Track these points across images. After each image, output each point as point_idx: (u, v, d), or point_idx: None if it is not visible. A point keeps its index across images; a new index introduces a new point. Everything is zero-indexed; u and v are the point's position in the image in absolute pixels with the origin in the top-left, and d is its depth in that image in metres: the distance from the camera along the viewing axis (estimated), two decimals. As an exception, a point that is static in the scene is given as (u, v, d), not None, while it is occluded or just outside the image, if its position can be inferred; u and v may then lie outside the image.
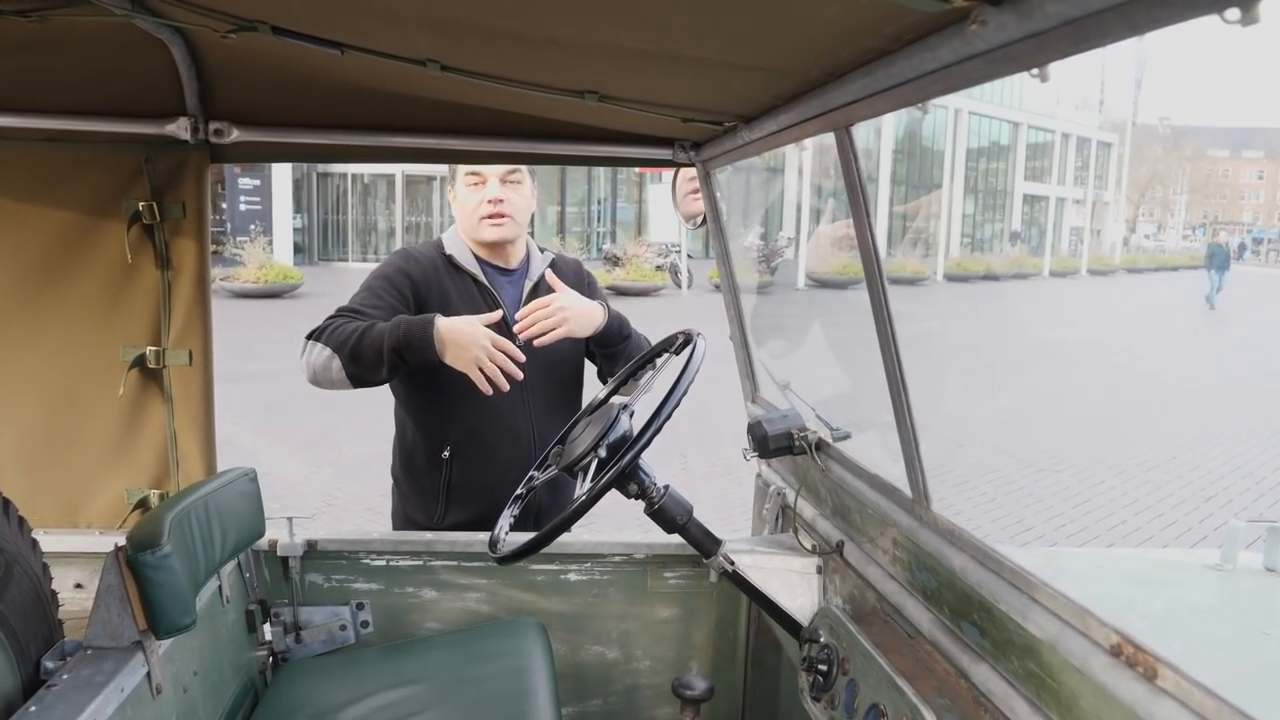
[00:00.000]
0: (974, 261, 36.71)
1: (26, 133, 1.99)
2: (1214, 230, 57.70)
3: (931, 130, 45.06)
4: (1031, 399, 11.25)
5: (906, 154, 45.07)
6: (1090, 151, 48.12)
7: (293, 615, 2.19)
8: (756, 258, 26.03)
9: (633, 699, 2.30)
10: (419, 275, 2.35)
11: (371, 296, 2.31)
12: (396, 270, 2.36)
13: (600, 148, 2.17)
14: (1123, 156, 55.73)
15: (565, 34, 1.31)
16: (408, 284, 2.34)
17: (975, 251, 42.53)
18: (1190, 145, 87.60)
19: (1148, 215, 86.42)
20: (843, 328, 9.39)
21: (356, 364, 2.14)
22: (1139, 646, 0.96)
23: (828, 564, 1.82)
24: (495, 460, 2.32)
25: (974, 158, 48.42)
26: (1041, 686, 1.12)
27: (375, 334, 2.13)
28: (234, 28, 1.55)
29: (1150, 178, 78.74)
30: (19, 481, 2.06)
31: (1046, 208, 44.94)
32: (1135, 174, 70.99)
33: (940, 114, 40.80)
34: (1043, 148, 51.46)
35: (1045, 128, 48.24)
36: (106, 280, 2.07)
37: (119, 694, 1.45)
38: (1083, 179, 51.18)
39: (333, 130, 2.09)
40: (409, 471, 2.43)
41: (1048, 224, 42.26)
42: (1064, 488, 7.38)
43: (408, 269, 2.36)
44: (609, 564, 2.25)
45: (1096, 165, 51.72)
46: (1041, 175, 51.33)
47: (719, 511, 6.36)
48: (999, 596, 1.20)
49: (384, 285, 2.34)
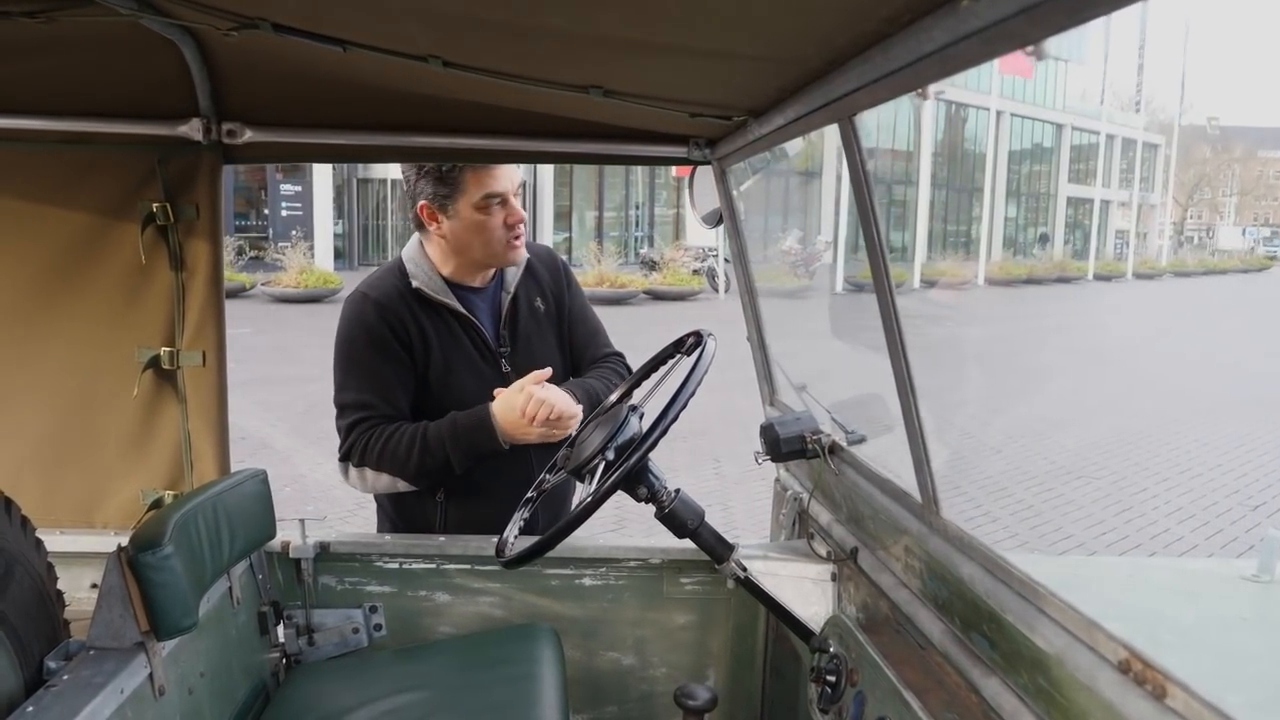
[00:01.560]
0: (1016, 265, 36.27)
1: (42, 135, 2.00)
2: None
3: (974, 132, 44.68)
4: (1072, 404, 11.06)
5: (947, 157, 44.70)
6: (1136, 153, 47.38)
7: (305, 617, 2.18)
8: (793, 262, 25.94)
9: (647, 707, 2.26)
10: (397, 325, 2.15)
11: (371, 380, 2.16)
12: (374, 334, 2.15)
13: (614, 146, 2.14)
14: (1169, 158, 54.81)
15: (562, 26, 1.29)
16: (393, 341, 2.15)
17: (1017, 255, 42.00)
18: (1240, 146, 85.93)
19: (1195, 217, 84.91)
20: (878, 332, 9.31)
21: (425, 478, 2.15)
22: (1147, 663, 0.90)
23: (842, 571, 1.78)
24: (493, 496, 2.19)
25: (1016, 160, 47.91)
26: (1051, 703, 1.07)
27: (436, 449, 2.10)
28: (235, 25, 1.54)
29: (1198, 179, 77.39)
30: (35, 482, 2.08)
31: (1091, 210, 44.32)
32: (1182, 176, 69.86)
33: (981, 115, 40.43)
34: (1087, 149, 50.80)
35: (1090, 129, 47.60)
36: (121, 281, 2.07)
37: (118, 695, 1.44)
38: (1128, 181, 50.41)
39: (343, 130, 2.08)
40: (401, 512, 2.31)
41: (1092, 227, 41.64)
42: (1104, 495, 7.23)
43: (385, 323, 2.15)
44: (624, 569, 2.21)
45: (1143, 167, 50.93)
46: (1086, 178, 50.68)
47: (752, 517, 6.30)
48: (1007, 607, 1.15)
49: (376, 360, 2.16)
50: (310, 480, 6.84)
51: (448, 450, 2.09)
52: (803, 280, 25.45)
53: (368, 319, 2.15)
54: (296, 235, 24.09)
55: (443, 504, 2.24)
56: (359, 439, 2.12)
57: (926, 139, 34.55)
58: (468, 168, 2.11)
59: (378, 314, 2.15)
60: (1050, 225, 50.92)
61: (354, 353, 2.17)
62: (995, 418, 10.12)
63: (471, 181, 2.11)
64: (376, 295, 2.18)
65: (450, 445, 2.08)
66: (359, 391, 2.15)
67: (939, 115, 39.64)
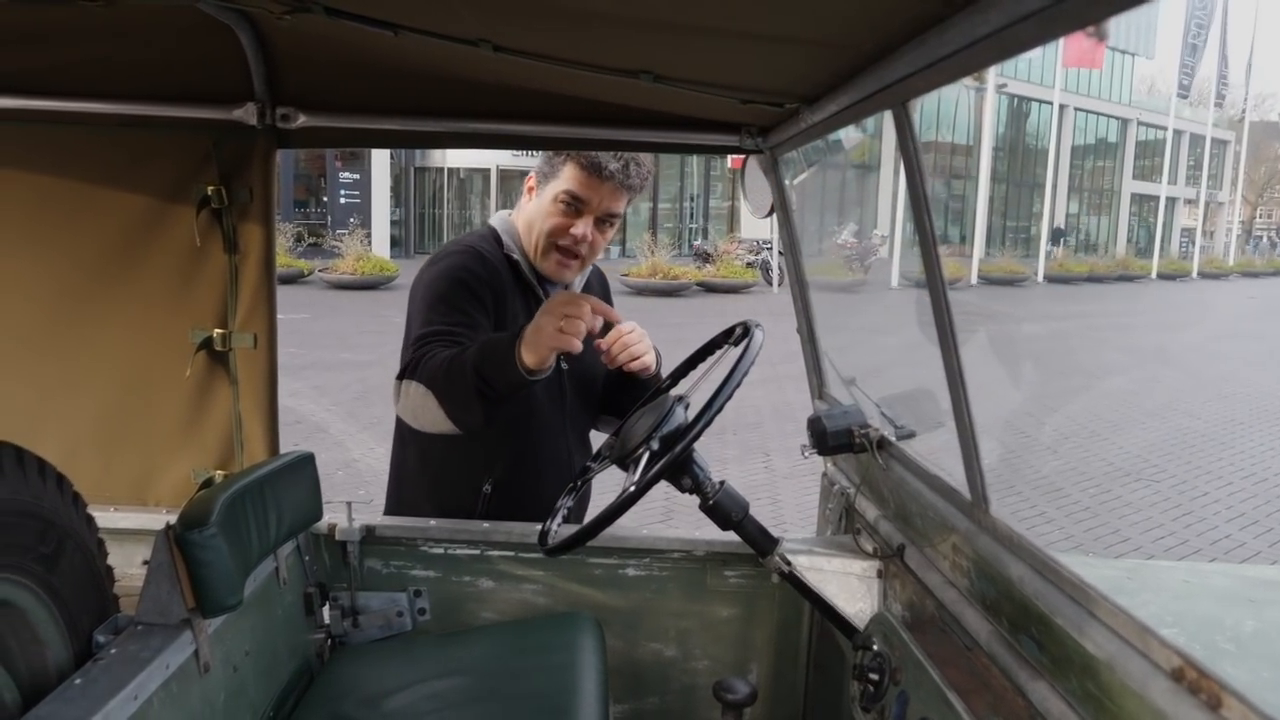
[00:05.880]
0: (1077, 263, 35.57)
1: (101, 118, 2.03)
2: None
3: (1035, 126, 43.93)
4: (1133, 405, 10.82)
5: (1008, 151, 44.01)
6: (1204, 149, 46.19)
7: (350, 600, 2.20)
8: (849, 255, 25.72)
9: (688, 699, 2.25)
10: (495, 284, 2.10)
11: (458, 315, 2.01)
12: (474, 277, 2.07)
13: (664, 133, 2.12)
14: (1239, 154, 53.35)
15: (612, 10, 1.27)
16: (489, 295, 2.08)
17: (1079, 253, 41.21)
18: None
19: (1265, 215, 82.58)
20: (932, 326, 9.22)
21: (450, 401, 1.85)
22: (1202, 671, 0.87)
23: (888, 568, 1.74)
24: (539, 490, 2.17)
25: (1079, 155, 47.00)
26: (1100, 709, 1.03)
27: (464, 359, 1.83)
28: (289, 9, 1.55)
29: (1269, 176, 75.25)
30: (91, 460, 2.12)
31: (1156, 207, 43.35)
32: (1253, 173, 67.98)
33: (1044, 110, 39.73)
34: (1153, 145, 49.66)
35: (1157, 124, 46.50)
36: (176, 263, 2.10)
37: (164, 670, 1.46)
38: (1195, 178, 49.16)
39: (395, 116, 2.09)
40: (439, 505, 2.23)
41: (1157, 224, 40.68)
42: (1163, 499, 7.06)
43: (486, 276, 2.09)
44: (668, 560, 2.20)
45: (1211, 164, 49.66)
46: (1151, 174, 49.53)
47: (800, 512, 6.26)
48: (1057, 609, 1.12)
49: (466, 302, 2.04)
50: (363, 465, 6.92)
51: (468, 363, 1.82)
52: (858, 274, 25.23)
53: (469, 266, 2.09)
54: (354, 223, 24.45)
55: (488, 495, 2.21)
56: (420, 354, 1.94)
57: (987, 133, 33.98)
58: (571, 160, 2.09)
59: (479, 265, 2.10)
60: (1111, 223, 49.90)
61: (446, 291, 2.05)
62: (1051, 416, 9.93)
63: (566, 174, 2.10)
64: (480, 251, 2.14)
65: (473, 357, 1.82)
66: (439, 324, 2.00)
67: (1000, 109, 39.00)
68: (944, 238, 36.75)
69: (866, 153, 36.63)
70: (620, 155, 2.11)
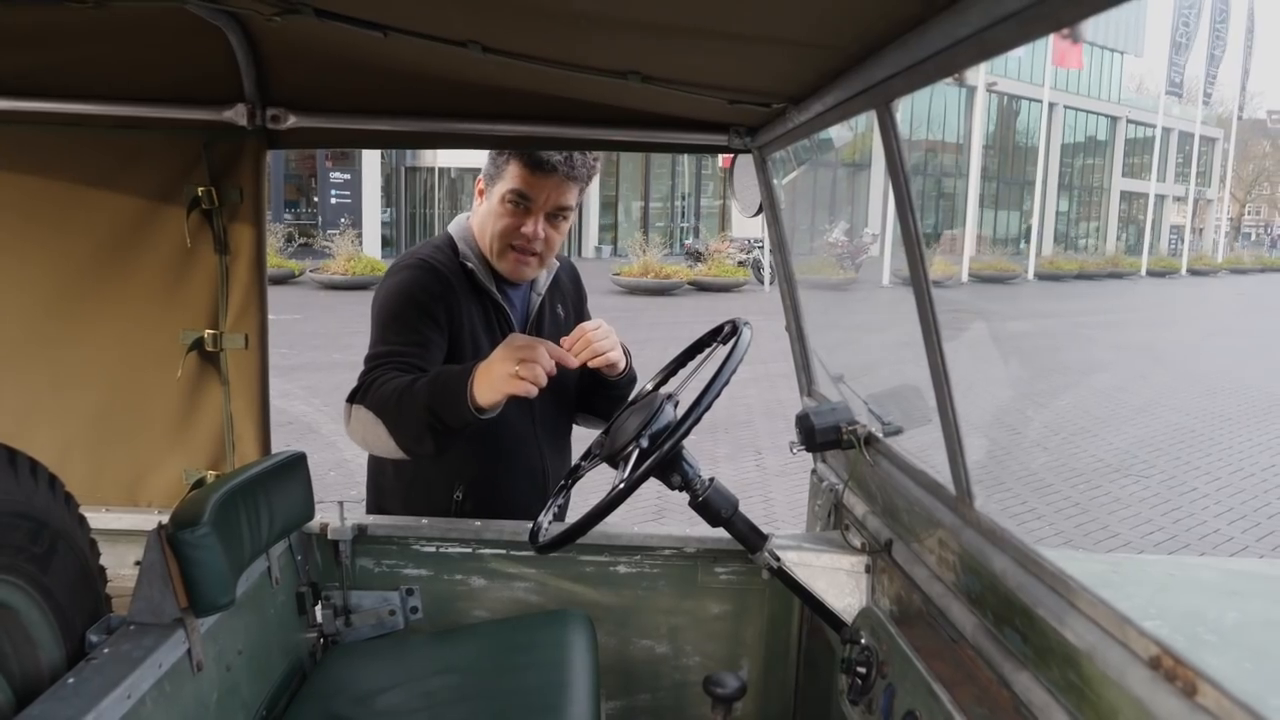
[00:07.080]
0: (1067, 260, 35.69)
1: (91, 119, 2.03)
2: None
3: (1025, 124, 44.06)
4: (1121, 402, 10.88)
5: (998, 149, 44.14)
6: (1193, 146, 46.39)
7: (343, 599, 2.21)
8: (840, 254, 25.77)
9: (680, 695, 2.26)
10: (448, 298, 2.08)
11: (409, 335, 2.02)
12: (426, 293, 2.06)
13: (653, 133, 2.13)
14: (1227, 152, 53.58)
15: (600, 11, 1.29)
16: (442, 310, 2.07)
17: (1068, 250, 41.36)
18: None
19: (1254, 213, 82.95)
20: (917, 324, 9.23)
21: (401, 432, 1.86)
22: (1179, 660, 0.89)
23: (876, 563, 1.76)
24: (511, 497, 2.20)
25: (1069, 153, 47.16)
26: (1081, 699, 1.05)
27: (415, 390, 1.83)
28: (278, 10, 1.56)
29: (1257, 174, 75.61)
30: (83, 460, 2.12)
31: (1145, 205, 43.49)
32: (1241, 171, 68.30)
33: (1034, 108, 39.86)
34: (1142, 143, 49.86)
35: (1146, 122, 46.70)
36: (166, 264, 2.10)
37: (157, 669, 1.46)
38: (1184, 175, 49.39)
39: (385, 116, 2.09)
40: (413, 511, 2.24)
41: (1146, 221, 40.85)
42: (1152, 494, 7.11)
43: (439, 290, 2.08)
44: (659, 557, 2.21)
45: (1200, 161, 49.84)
46: (1140, 172, 49.75)
47: (792, 509, 6.28)
48: (1039, 601, 1.13)
49: (418, 320, 2.03)
50: (355, 465, 6.90)
51: (420, 397, 1.83)
52: (849, 273, 25.28)
53: (421, 282, 2.08)
54: (345, 223, 24.41)
55: (459, 503, 2.22)
56: (370, 379, 1.95)
57: (977, 131, 34.10)
58: (514, 159, 2.08)
59: (431, 280, 2.09)
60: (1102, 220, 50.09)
61: (399, 310, 2.06)
62: (1040, 413, 9.98)
63: (510, 173, 2.09)
64: (433, 264, 2.12)
65: (425, 391, 1.83)
66: (393, 344, 2.02)
67: (990, 107, 39.11)
68: (934, 235, 36.87)
69: (857, 151, 36.70)
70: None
